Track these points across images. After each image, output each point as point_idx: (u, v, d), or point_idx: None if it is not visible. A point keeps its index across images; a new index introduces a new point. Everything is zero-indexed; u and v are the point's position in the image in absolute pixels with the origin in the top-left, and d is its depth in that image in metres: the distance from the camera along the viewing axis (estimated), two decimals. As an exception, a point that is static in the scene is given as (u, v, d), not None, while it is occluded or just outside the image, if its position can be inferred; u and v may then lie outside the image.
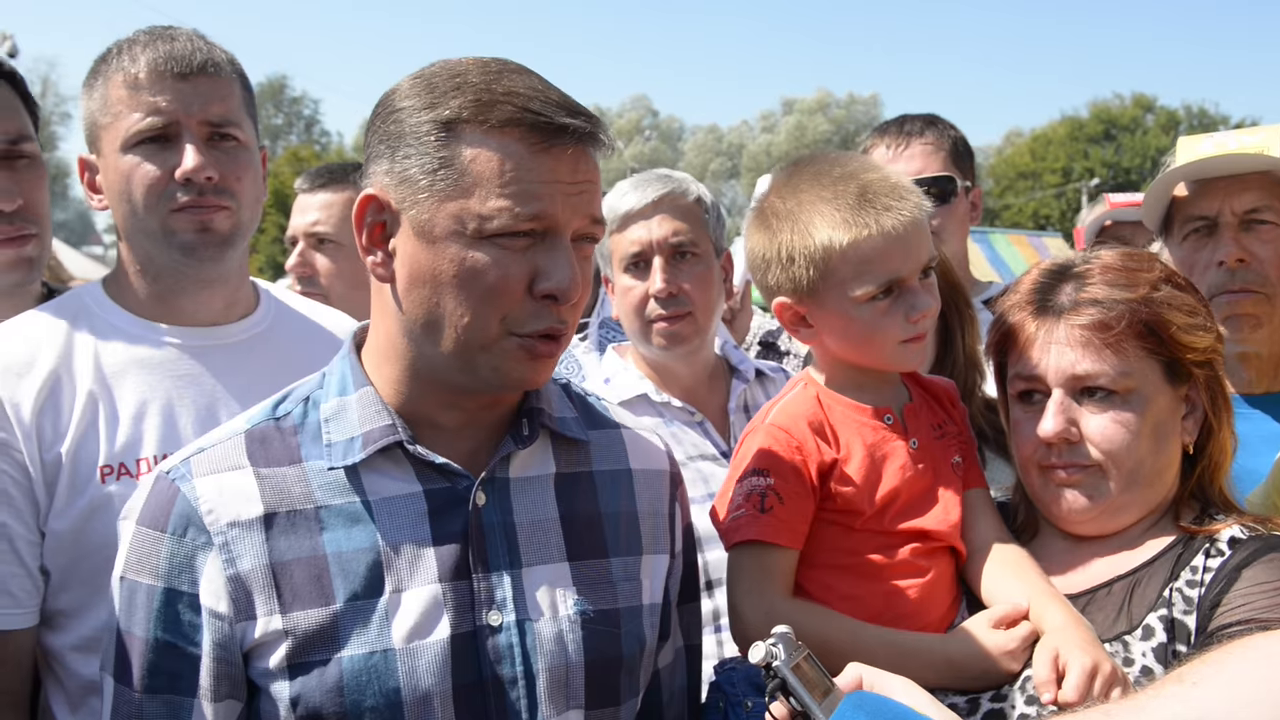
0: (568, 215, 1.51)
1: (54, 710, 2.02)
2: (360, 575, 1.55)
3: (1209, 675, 1.44)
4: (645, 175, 2.73)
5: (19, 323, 2.11)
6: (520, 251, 1.50)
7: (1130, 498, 1.79)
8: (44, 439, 1.98)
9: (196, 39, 2.10)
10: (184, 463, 1.59)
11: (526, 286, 1.51)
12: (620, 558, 1.71)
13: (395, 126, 1.53)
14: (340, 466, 1.58)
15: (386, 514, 1.57)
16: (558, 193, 1.49)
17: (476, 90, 1.49)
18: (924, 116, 3.42)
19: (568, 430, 1.72)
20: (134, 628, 1.56)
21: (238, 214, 2.10)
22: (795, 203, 1.83)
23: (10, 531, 1.95)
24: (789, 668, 1.42)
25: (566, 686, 1.61)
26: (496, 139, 1.48)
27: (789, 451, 1.84)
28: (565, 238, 1.52)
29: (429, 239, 1.50)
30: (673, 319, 2.61)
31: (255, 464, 1.58)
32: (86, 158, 2.14)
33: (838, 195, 1.79)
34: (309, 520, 1.56)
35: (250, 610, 1.53)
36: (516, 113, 1.48)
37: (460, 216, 1.48)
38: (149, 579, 1.55)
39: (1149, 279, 1.80)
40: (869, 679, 1.49)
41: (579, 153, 1.51)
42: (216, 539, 1.53)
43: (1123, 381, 1.76)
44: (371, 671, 1.52)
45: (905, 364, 1.90)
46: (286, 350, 2.20)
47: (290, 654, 1.52)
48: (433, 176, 1.49)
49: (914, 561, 1.84)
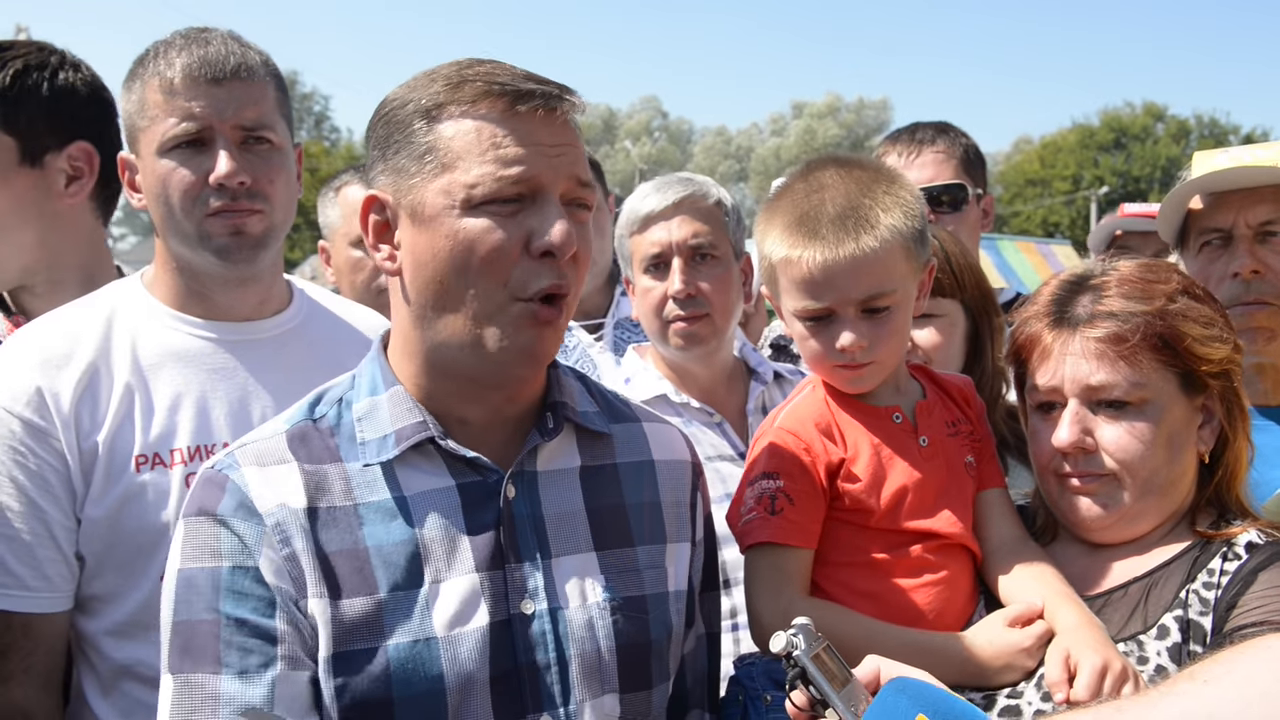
0: (551, 176, 1.56)
1: (85, 692, 2.07)
2: (401, 567, 1.59)
3: (1221, 674, 1.47)
4: (666, 178, 2.76)
5: (59, 315, 2.16)
6: (510, 217, 1.55)
7: (1145, 505, 1.82)
8: (82, 428, 2.03)
9: (231, 41, 2.13)
10: (229, 455, 1.64)
11: (523, 248, 1.56)
12: (645, 546, 1.76)
13: (384, 129, 1.62)
14: (375, 463, 1.62)
15: (422, 508, 1.62)
16: (537, 154, 1.55)
17: (448, 77, 1.58)
18: (935, 124, 3.44)
19: (590, 423, 1.76)
20: (199, 613, 1.56)
21: (270, 216, 2.14)
22: (770, 208, 1.92)
23: (48, 518, 2.00)
24: (809, 657, 1.44)
25: (600, 671, 1.66)
26: (471, 113, 1.55)
27: (797, 453, 1.88)
28: (553, 197, 1.57)
29: (423, 220, 1.56)
30: (690, 320, 2.64)
31: (299, 459, 1.62)
32: (126, 157, 2.19)
33: (791, 212, 1.86)
34: (349, 516, 1.60)
35: (305, 590, 1.55)
36: (485, 86, 1.56)
37: (448, 190, 1.54)
38: (210, 562, 1.57)
39: (1165, 291, 1.82)
40: (887, 671, 1.52)
41: (552, 115, 1.58)
42: (268, 520, 1.56)
43: (1137, 392, 1.78)
44: (416, 659, 1.56)
45: (846, 386, 1.93)
46: (318, 346, 2.24)
47: (335, 642, 1.55)
48: (420, 162, 1.56)
49: (927, 559, 1.88)
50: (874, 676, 1.52)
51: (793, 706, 1.48)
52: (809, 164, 1.97)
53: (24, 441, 2.00)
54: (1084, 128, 58.29)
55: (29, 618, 1.99)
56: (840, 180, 1.87)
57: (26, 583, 1.98)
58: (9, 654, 1.99)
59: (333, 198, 3.68)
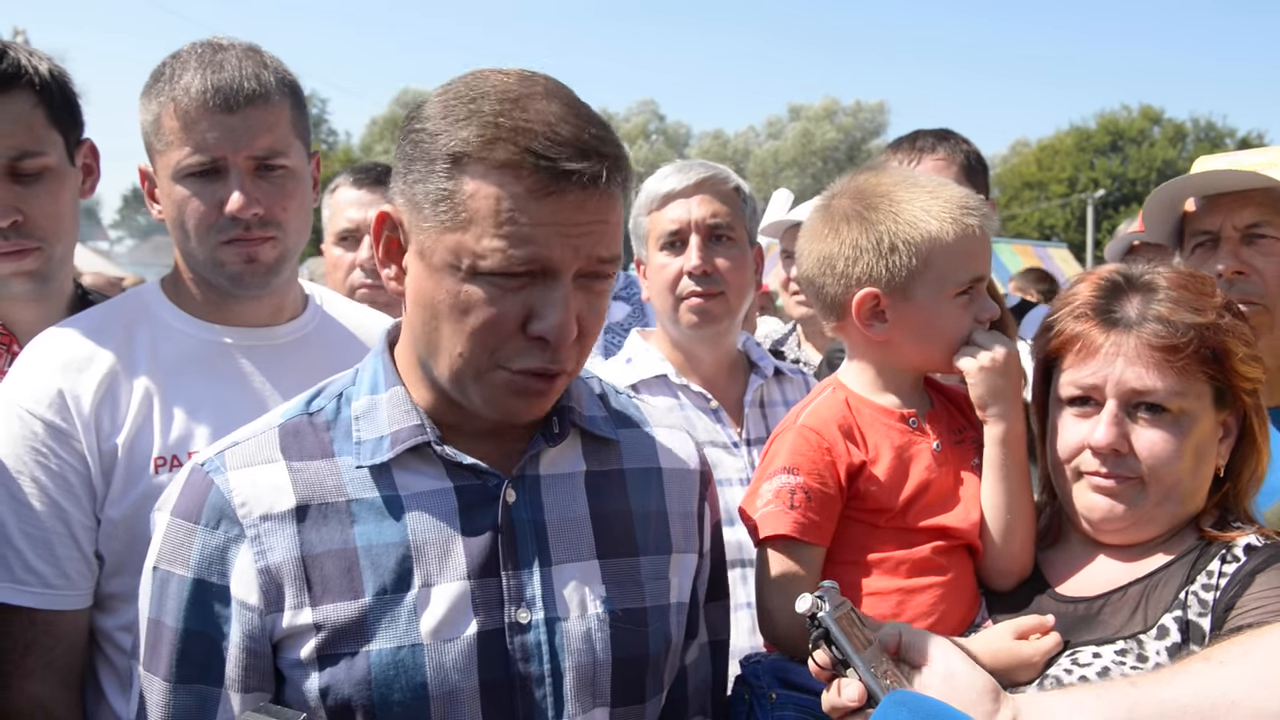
0: (567, 257, 1.47)
1: (104, 687, 2.11)
2: (390, 569, 1.56)
3: (1236, 656, 1.48)
4: (688, 161, 2.79)
5: (81, 320, 2.20)
6: (515, 291, 1.48)
7: (1161, 511, 1.83)
8: (102, 430, 2.07)
9: (246, 61, 2.10)
10: (218, 456, 1.61)
11: (520, 325, 1.49)
12: (650, 556, 1.72)
13: (412, 148, 1.52)
14: (367, 466, 1.59)
15: (417, 509, 1.59)
16: (556, 236, 1.45)
17: (484, 123, 1.45)
18: (936, 131, 3.47)
19: (597, 429, 1.73)
20: (165, 617, 1.58)
21: (283, 242, 2.17)
22: (892, 200, 1.91)
23: (69, 517, 2.04)
24: (833, 619, 1.46)
25: (593, 684, 1.62)
26: (497, 177, 1.44)
27: (819, 452, 1.90)
28: (564, 279, 1.48)
29: (430, 266, 1.51)
30: (706, 296, 2.66)
31: (288, 457, 1.60)
32: (146, 169, 2.21)
33: (938, 196, 1.91)
34: (340, 513, 1.57)
35: (280, 602, 1.54)
36: (519, 154, 1.43)
37: (456, 251, 1.47)
38: (180, 569, 1.56)
39: (1215, 304, 1.83)
40: (908, 638, 1.53)
41: (587, 195, 1.46)
42: (249, 532, 1.54)
43: (1178, 401, 1.79)
44: (399, 666, 1.53)
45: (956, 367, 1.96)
46: (332, 350, 2.28)
47: (320, 646, 1.53)
48: (435, 207, 1.48)
49: (935, 560, 1.91)
50: (896, 641, 1.53)
51: (814, 665, 1.49)
52: (882, 167, 2.07)
53: (46, 443, 2.04)
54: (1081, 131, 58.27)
55: (50, 615, 2.03)
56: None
57: (48, 580, 2.02)
58: (30, 650, 2.03)
59: (328, 199, 3.73)
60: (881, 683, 1.45)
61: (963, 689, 1.48)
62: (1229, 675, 1.45)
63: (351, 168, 3.75)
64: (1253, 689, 1.43)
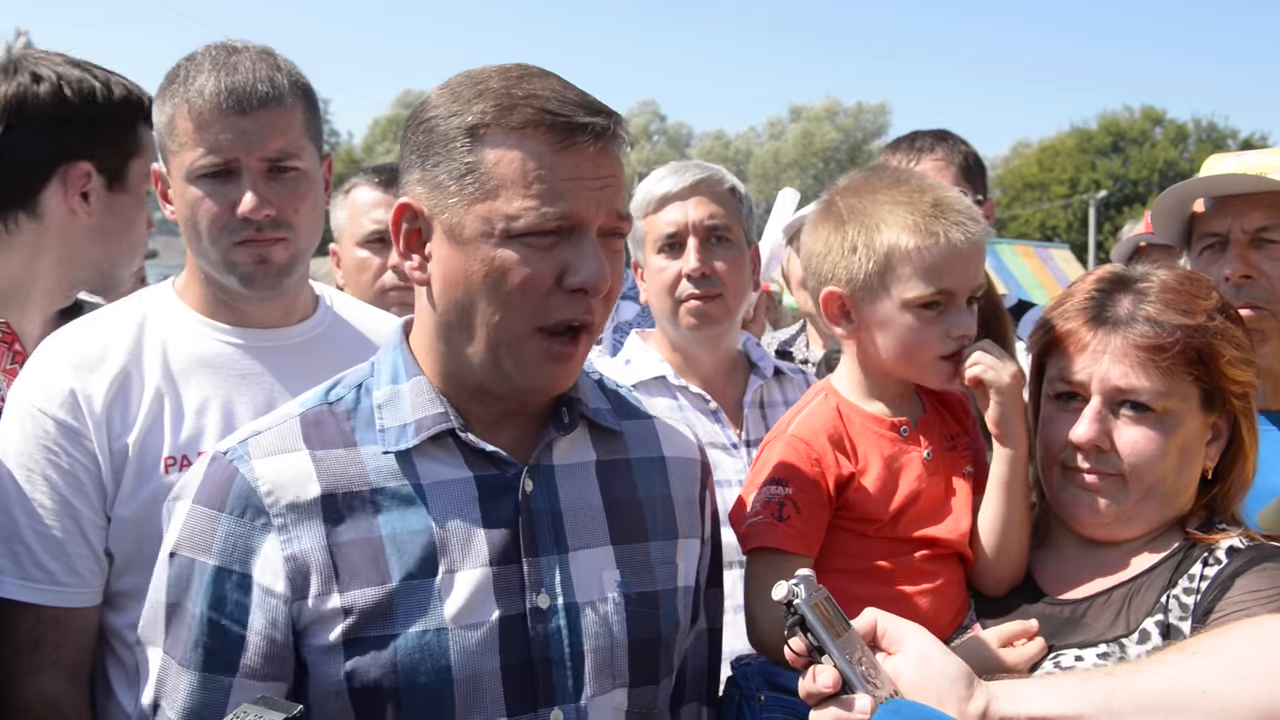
0: (593, 211, 1.56)
1: (113, 684, 2.13)
2: (415, 556, 1.60)
3: (1210, 648, 1.51)
4: (683, 163, 2.81)
5: (92, 320, 2.23)
6: (547, 249, 1.55)
7: (1144, 509, 1.85)
8: (113, 430, 2.10)
9: (260, 64, 2.12)
10: (241, 444, 1.64)
11: (555, 282, 1.56)
12: (658, 542, 1.78)
13: (424, 136, 1.59)
14: (394, 451, 1.63)
15: (439, 498, 1.63)
16: (581, 189, 1.54)
17: (497, 95, 1.55)
18: (934, 132, 3.49)
19: (603, 420, 1.78)
20: (186, 602, 1.60)
21: (295, 243, 2.19)
22: (871, 201, 1.91)
23: (80, 515, 2.07)
24: (809, 606, 1.47)
25: (611, 666, 1.68)
26: (518, 140, 1.53)
27: (808, 464, 1.91)
28: (591, 233, 1.57)
29: (460, 241, 1.56)
30: (704, 299, 2.67)
31: (311, 446, 1.63)
32: (160, 170, 2.24)
33: (913, 201, 1.88)
34: (364, 502, 1.61)
35: (306, 589, 1.57)
36: (536, 114, 1.53)
37: (488, 218, 1.53)
38: (203, 556, 1.59)
39: (1206, 307, 1.84)
40: (884, 624, 1.54)
41: (600, 149, 1.56)
42: (275, 520, 1.57)
43: (1161, 401, 1.81)
44: (425, 649, 1.57)
45: (935, 380, 1.95)
46: (342, 351, 2.27)
47: (347, 631, 1.57)
48: (461, 182, 1.55)
49: (924, 567, 1.93)
50: (871, 627, 1.54)
51: (790, 652, 1.50)
52: (886, 169, 2.07)
53: (57, 441, 2.07)
54: (1082, 132, 58.24)
55: (59, 611, 2.06)
56: (932, 179, 2.00)
57: (58, 578, 2.05)
58: (40, 646, 2.06)
59: (342, 200, 3.74)
60: (857, 669, 1.45)
61: (937, 674, 1.49)
62: (1202, 666, 1.48)
63: (369, 169, 3.74)
64: (1224, 681, 1.46)
